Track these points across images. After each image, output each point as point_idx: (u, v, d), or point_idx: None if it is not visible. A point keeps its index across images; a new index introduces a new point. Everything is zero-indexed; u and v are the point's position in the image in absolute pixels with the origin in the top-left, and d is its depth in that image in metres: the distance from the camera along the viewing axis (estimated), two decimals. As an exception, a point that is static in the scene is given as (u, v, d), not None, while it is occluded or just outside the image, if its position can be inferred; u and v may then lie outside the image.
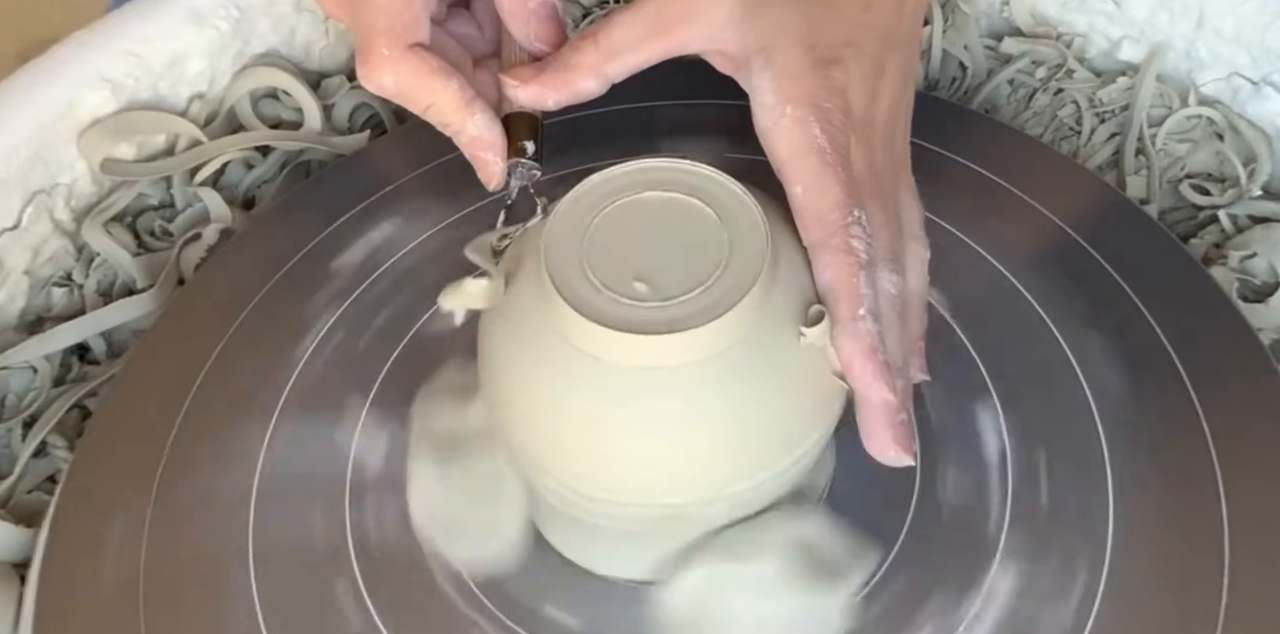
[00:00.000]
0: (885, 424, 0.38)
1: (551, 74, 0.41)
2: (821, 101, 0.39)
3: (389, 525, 0.46)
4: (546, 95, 0.42)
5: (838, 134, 0.39)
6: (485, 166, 0.42)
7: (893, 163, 0.42)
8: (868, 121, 0.40)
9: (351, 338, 0.52)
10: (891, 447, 0.38)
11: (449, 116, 0.41)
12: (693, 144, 0.50)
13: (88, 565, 0.47)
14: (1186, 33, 0.60)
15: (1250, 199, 0.58)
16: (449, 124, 0.42)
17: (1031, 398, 0.48)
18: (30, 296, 0.58)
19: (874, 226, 0.39)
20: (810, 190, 0.38)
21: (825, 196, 0.38)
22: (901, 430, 0.38)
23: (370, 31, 0.41)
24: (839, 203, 0.38)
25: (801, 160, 0.38)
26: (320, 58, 0.66)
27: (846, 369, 0.37)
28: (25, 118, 0.56)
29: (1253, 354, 0.49)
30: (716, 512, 0.40)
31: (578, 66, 0.41)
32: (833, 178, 0.38)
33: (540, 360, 0.37)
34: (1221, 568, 0.43)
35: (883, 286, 0.39)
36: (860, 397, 0.38)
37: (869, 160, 0.40)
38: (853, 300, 0.37)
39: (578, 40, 0.41)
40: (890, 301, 0.39)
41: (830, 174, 0.38)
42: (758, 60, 0.40)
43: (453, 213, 0.56)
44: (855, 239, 0.38)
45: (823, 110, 0.39)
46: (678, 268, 0.37)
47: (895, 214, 0.41)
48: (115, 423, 0.51)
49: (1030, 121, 0.63)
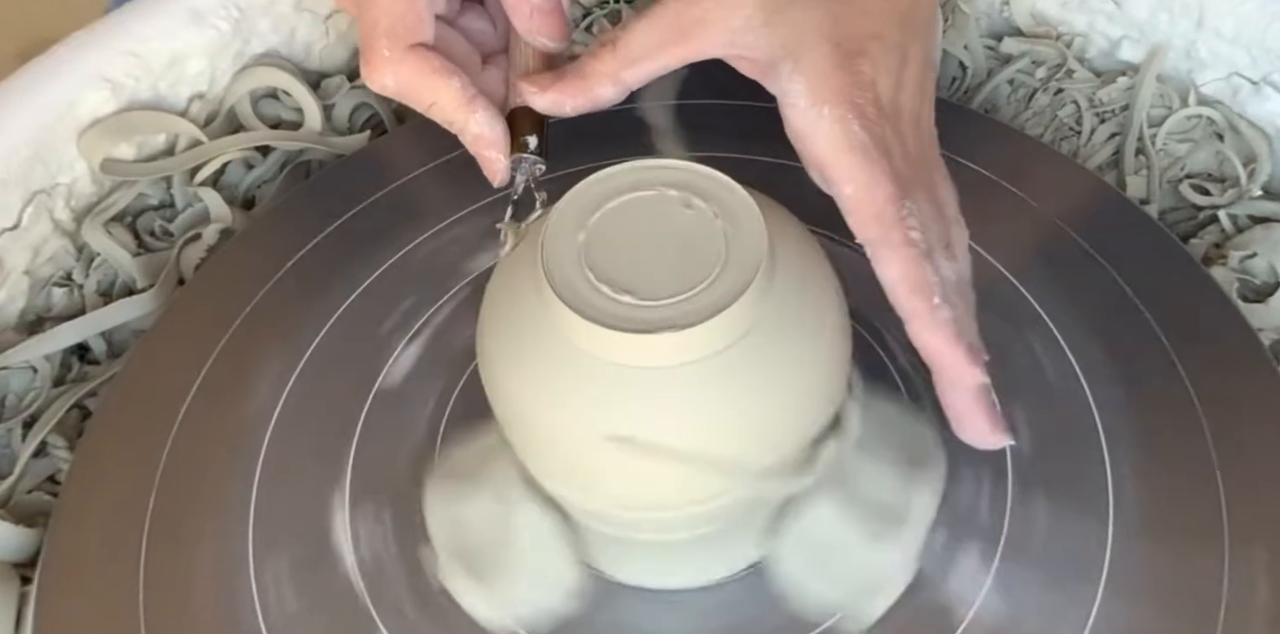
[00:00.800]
0: (982, 407, 0.38)
1: (570, 81, 0.41)
2: (855, 97, 0.39)
3: (390, 539, 0.46)
4: (564, 102, 0.41)
5: (874, 127, 0.39)
6: (489, 163, 0.42)
7: (923, 149, 0.42)
8: (896, 111, 0.40)
9: (352, 338, 0.52)
10: (992, 429, 0.38)
11: (451, 115, 0.42)
12: (693, 144, 0.50)
13: (88, 565, 0.47)
14: (1186, 33, 0.60)
15: (1250, 199, 0.58)
16: (452, 122, 0.42)
17: (1031, 398, 0.48)
18: (30, 297, 0.58)
19: (923, 216, 0.39)
20: (861, 188, 0.38)
21: (877, 192, 0.38)
22: (994, 411, 0.38)
23: (373, 32, 0.41)
24: (891, 197, 0.38)
25: (846, 158, 0.38)
26: (320, 58, 0.66)
27: (935, 359, 0.38)
28: (25, 118, 0.56)
29: (1253, 354, 0.49)
30: (721, 511, 0.40)
31: (596, 74, 0.41)
32: (882, 173, 0.38)
33: (540, 360, 0.37)
34: (1221, 568, 0.43)
35: (945, 273, 0.39)
36: (950, 383, 0.38)
37: (902, 149, 0.40)
38: (926, 291, 0.38)
39: (595, 47, 0.41)
40: (954, 287, 0.39)
41: (878, 169, 0.38)
42: (785, 65, 0.40)
43: (453, 212, 0.56)
44: (913, 231, 0.38)
45: (857, 106, 0.39)
46: (677, 267, 0.37)
47: (935, 200, 0.41)
48: (115, 423, 0.51)
49: (1030, 121, 0.63)
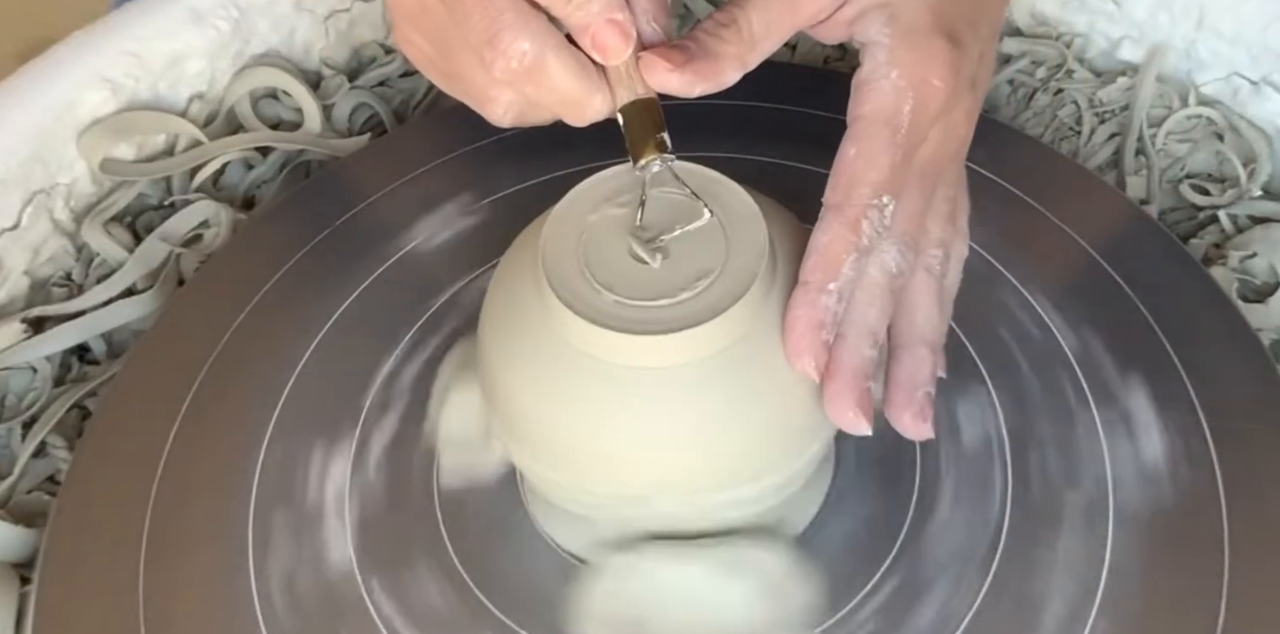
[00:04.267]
0: (849, 394, 0.37)
1: (704, 63, 0.38)
2: (932, 78, 0.38)
3: (390, 528, 0.46)
4: (696, 84, 0.38)
5: (923, 121, 0.38)
6: (604, 36, 0.37)
7: (960, 152, 0.42)
8: (953, 105, 0.40)
9: (352, 338, 0.52)
10: (855, 415, 0.37)
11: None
12: (694, 144, 0.50)
13: (88, 565, 0.47)
14: (1186, 33, 0.60)
15: (1250, 199, 0.58)
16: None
17: (1030, 397, 0.48)
18: (30, 297, 0.58)
19: (901, 217, 0.39)
20: (860, 158, 0.38)
21: (868, 171, 0.37)
22: (865, 399, 0.37)
23: None
24: (875, 183, 0.37)
25: (873, 127, 0.38)
26: (320, 58, 0.66)
27: (787, 329, 0.37)
28: (25, 118, 0.56)
29: (1253, 354, 0.49)
30: (717, 510, 0.40)
31: (725, 56, 0.38)
32: (887, 158, 0.38)
33: (540, 361, 0.37)
34: (1221, 568, 0.43)
35: (871, 273, 0.38)
36: (790, 356, 0.37)
37: (943, 145, 0.40)
38: (829, 272, 0.37)
39: (716, 28, 0.38)
40: (869, 291, 0.38)
41: (888, 154, 0.38)
42: (879, 14, 0.39)
43: (453, 212, 0.56)
44: (867, 221, 0.37)
45: (927, 89, 0.38)
46: (677, 268, 0.37)
47: (949, 202, 0.41)
48: (115, 423, 0.51)
49: (1030, 121, 0.63)
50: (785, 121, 0.58)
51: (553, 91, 0.38)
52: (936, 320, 0.41)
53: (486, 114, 0.40)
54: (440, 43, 0.40)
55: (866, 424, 0.37)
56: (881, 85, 0.38)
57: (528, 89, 0.38)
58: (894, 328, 0.40)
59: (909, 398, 0.40)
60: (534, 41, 0.37)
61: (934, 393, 0.40)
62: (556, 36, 0.37)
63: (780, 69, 0.64)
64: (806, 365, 0.37)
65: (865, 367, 0.38)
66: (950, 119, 0.40)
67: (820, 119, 0.56)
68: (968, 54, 0.39)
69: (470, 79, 0.40)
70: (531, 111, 0.40)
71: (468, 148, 0.58)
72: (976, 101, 0.41)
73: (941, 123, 0.39)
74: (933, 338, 0.41)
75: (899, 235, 0.39)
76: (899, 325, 0.41)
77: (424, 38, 0.41)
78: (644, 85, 0.38)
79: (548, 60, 0.37)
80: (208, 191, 0.62)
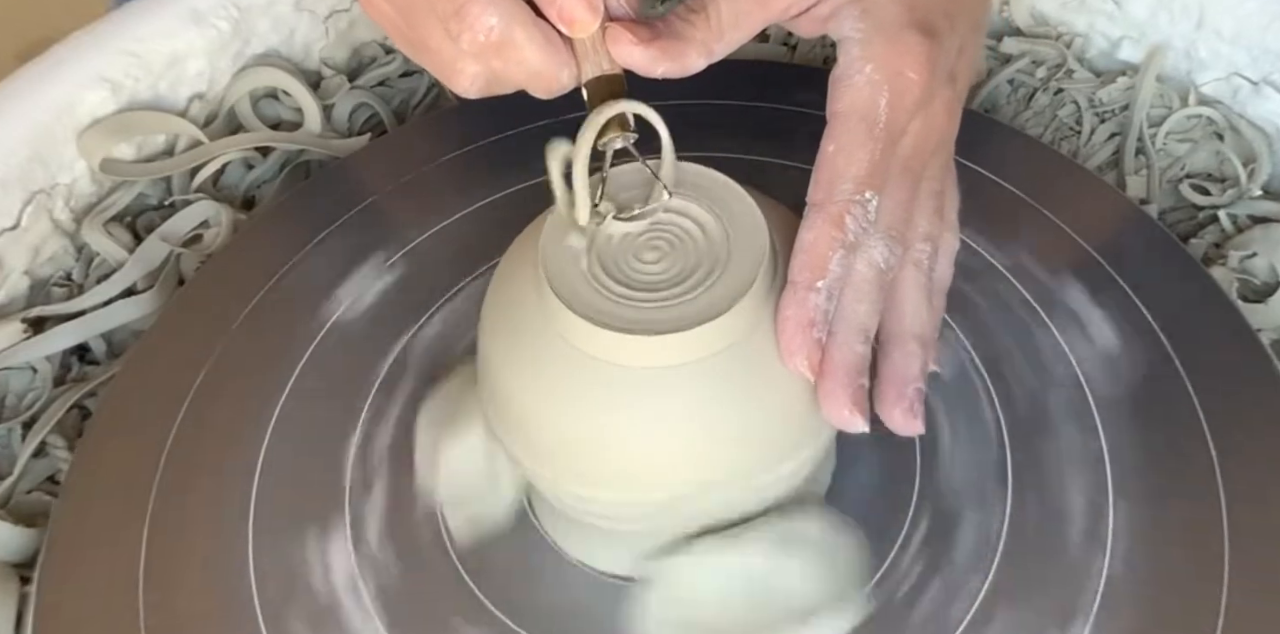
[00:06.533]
0: (844, 393, 0.37)
1: (670, 42, 0.37)
2: (907, 71, 0.38)
3: (391, 526, 0.46)
4: (659, 61, 0.37)
5: (900, 115, 0.38)
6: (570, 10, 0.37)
7: (946, 145, 0.41)
8: (929, 98, 0.39)
9: (352, 338, 0.52)
10: (850, 412, 0.37)
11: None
12: (694, 144, 0.50)
13: (88, 565, 0.47)
14: (1186, 33, 0.60)
15: (1250, 199, 0.58)
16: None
17: (1030, 397, 0.48)
18: (30, 297, 0.58)
19: (885, 211, 0.38)
20: (840, 154, 0.37)
21: (848, 166, 0.37)
22: (860, 396, 0.37)
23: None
24: (857, 178, 0.37)
25: (850, 123, 0.38)
26: (320, 58, 0.66)
27: (779, 330, 0.37)
28: (25, 118, 0.56)
29: (1253, 354, 0.49)
30: (715, 509, 0.40)
31: (691, 40, 0.38)
32: (866, 153, 0.37)
33: (540, 361, 0.37)
34: (1222, 568, 0.43)
35: (858, 270, 0.38)
36: (782, 356, 0.37)
37: (923, 138, 0.39)
38: (817, 270, 0.37)
39: (686, 13, 0.38)
40: (858, 287, 0.38)
41: (867, 148, 0.37)
42: (852, 9, 0.39)
43: (453, 212, 0.56)
44: (851, 217, 0.37)
45: (902, 82, 0.38)
46: (677, 268, 0.37)
47: (936, 196, 0.41)
48: (115, 423, 0.51)
49: (1030, 121, 0.63)
50: (785, 121, 0.58)
51: (520, 65, 0.38)
52: (926, 315, 0.41)
53: (452, 85, 0.40)
54: (406, 10, 0.39)
55: (863, 421, 0.37)
56: (856, 80, 0.38)
57: (494, 63, 0.38)
58: (883, 323, 0.40)
59: (899, 394, 0.39)
60: (501, 15, 0.37)
61: (925, 389, 0.40)
62: (524, 10, 0.37)
63: (780, 69, 0.64)
64: (799, 365, 0.37)
65: (858, 363, 0.38)
66: (929, 112, 0.39)
67: (820, 119, 0.55)
68: (944, 47, 0.39)
69: (436, 50, 0.39)
70: (498, 83, 0.40)
71: (468, 148, 0.58)
72: (957, 94, 0.41)
73: (920, 116, 0.39)
74: (922, 332, 0.40)
75: (885, 230, 0.39)
76: (888, 320, 0.40)
77: (390, 4, 0.40)
78: (610, 61, 0.38)
79: (515, 34, 0.37)
80: (208, 191, 0.62)
